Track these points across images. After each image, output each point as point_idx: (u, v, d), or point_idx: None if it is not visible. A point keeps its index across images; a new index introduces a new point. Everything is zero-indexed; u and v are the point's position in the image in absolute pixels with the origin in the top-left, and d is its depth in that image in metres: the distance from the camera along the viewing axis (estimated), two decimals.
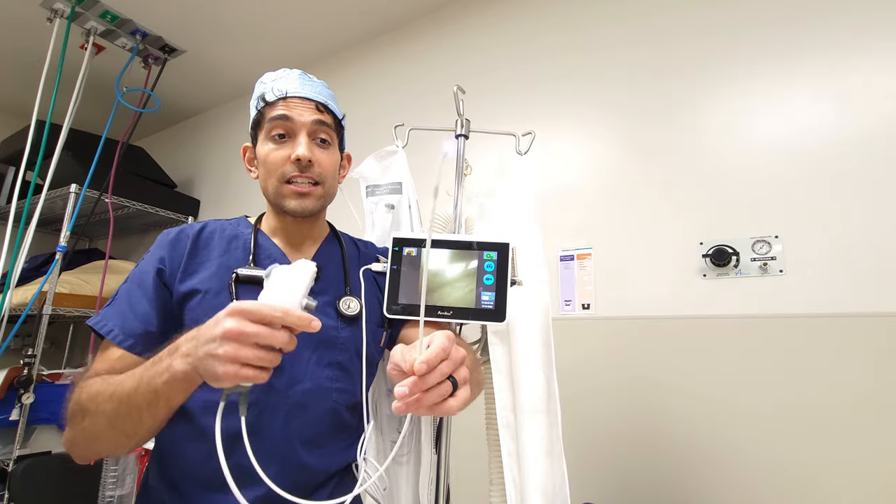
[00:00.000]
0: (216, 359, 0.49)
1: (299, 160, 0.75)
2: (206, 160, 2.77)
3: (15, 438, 1.74)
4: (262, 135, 0.78)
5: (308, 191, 0.77)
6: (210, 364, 0.50)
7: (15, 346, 2.25)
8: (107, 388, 0.59)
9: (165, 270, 0.74)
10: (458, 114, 1.03)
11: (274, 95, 0.77)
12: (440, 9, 1.98)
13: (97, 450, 0.63)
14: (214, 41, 2.23)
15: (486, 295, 0.83)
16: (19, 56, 2.31)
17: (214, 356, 0.49)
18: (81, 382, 0.64)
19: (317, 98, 0.79)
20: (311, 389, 0.74)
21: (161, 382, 0.54)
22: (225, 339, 0.49)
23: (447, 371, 0.50)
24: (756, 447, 1.11)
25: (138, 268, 0.75)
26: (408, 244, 0.87)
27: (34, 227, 1.77)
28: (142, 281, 0.73)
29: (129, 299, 0.72)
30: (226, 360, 0.49)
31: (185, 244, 0.77)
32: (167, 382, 0.54)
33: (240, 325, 0.49)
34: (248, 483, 0.58)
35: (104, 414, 0.58)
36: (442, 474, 0.87)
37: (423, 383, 0.49)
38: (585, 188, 1.48)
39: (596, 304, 1.39)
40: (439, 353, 0.50)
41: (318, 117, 0.78)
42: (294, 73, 0.81)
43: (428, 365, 0.48)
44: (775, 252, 1.17)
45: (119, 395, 0.57)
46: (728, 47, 1.33)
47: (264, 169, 0.78)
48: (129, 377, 0.58)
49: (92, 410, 0.59)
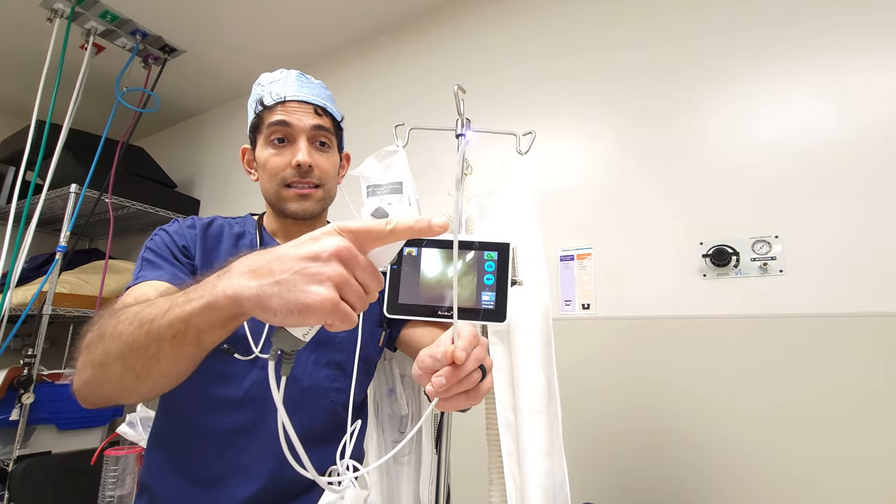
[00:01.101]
0: (315, 281, 0.37)
1: (300, 166, 0.75)
2: (206, 160, 2.77)
3: (15, 438, 1.73)
4: (261, 139, 0.78)
5: (309, 192, 0.78)
6: (301, 288, 0.37)
7: (15, 346, 2.25)
8: (132, 309, 0.50)
9: (189, 247, 0.75)
10: (459, 113, 1.03)
11: (272, 100, 0.77)
12: (440, 9, 1.98)
13: (102, 391, 0.53)
14: (214, 41, 2.22)
15: (486, 295, 0.83)
16: (19, 56, 2.31)
17: (314, 277, 0.38)
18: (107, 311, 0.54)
19: (315, 101, 0.79)
20: (309, 389, 0.74)
21: (198, 307, 0.43)
22: (337, 258, 0.38)
23: (481, 356, 0.50)
24: (756, 447, 1.11)
25: (159, 238, 0.74)
26: (408, 244, 0.87)
27: (34, 227, 1.77)
28: (169, 249, 0.73)
29: (156, 263, 0.70)
30: (331, 285, 0.38)
31: (197, 231, 0.78)
32: (206, 309, 0.42)
33: (353, 252, 0.39)
34: (243, 479, 0.58)
35: (120, 337, 0.48)
36: (442, 474, 0.87)
37: (460, 371, 0.48)
38: (585, 188, 1.48)
39: (596, 304, 1.39)
40: (472, 341, 0.50)
41: (317, 122, 0.78)
42: (292, 75, 0.81)
43: (467, 353, 0.48)
44: (775, 252, 1.17)
45: (142, 318, 0.47)
46: (728, 47, 1.33)
47: (265, 173, 0.78)
48: (160, 299, 0.48)
49: (109, 333, 0.50)
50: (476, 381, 0.51)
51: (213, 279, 0.43)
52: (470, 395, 0.51)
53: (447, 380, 0.48)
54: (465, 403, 0.53)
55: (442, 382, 0.47)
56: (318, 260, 0.38)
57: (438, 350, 0.51)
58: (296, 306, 0.37)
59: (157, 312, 0.46)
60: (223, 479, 0.66)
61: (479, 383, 0.51)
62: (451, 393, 0.50)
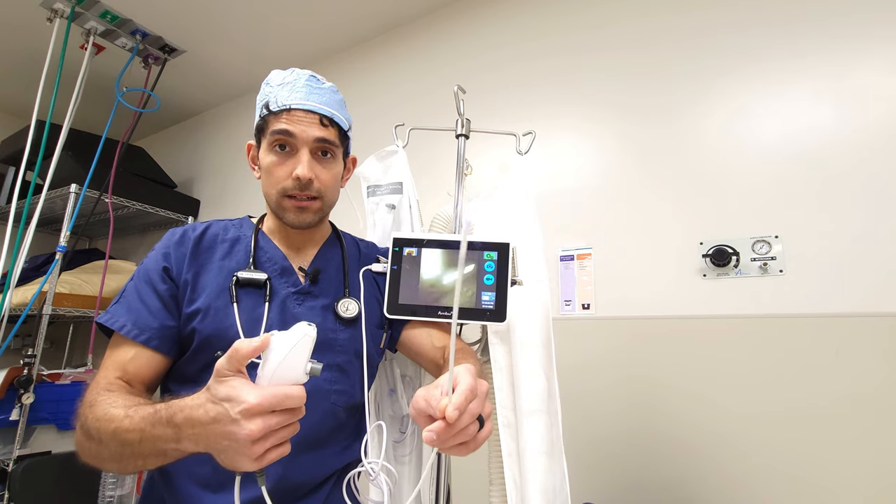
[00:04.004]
0: (246, 457, 0.49)
1: (299, 179, 0.74)
2: (206, 160, 2.77)
3: (15, 438, 1.73)
4: (264, 142, 0.77)
5: (307, 205, 0.77)
6: (240, 462, 0.50)
7: (15, 346, 2.25)
8: (108, 423, 0.57)
9: (171, 268, 0.74)
10: (459, 113, 1.03)
11: (277, 106, 0.75)
12: (440, 9, 1.98)
13: (104, 469, 0.63)
14: (214, 41, 2.23)
15: (486, 295, 0.83)
16: (19, 56, 2.31)
17: (244, 455, 0.49)
18: (89, 395, 0.63)
19: (322, 111, 0.76)
20: (310, 392, 0.74)
21: (170, 449, 0.54)
22: (254, 441, 0.48)
23: (476, 410, 0.51)
24: (756, 446, 1.11)
25: (144, 266, 0.75)
26: (408, 244, 0.87)
27: (34, 227, 1.77)
28: (149, 277, 0.73)
29: (140, 295, 0.72)
30: (258, 458, 0.49)
31: (188, 245, 0.77)
32: (176, 453, 0.54)
33: (265, 422, 0.48)
34: (245, 483, 0.58)
35: (109, 449, 0.57)
36: (442, 474, 0.87)
37: (453, 428, 0.49)
38: (585, 188, 1.48)
39: (596, 304, 1.39)
40: (468, 396, 0.50)
41: (321, 134, 0.76)
42: (302, 77, 0.78)
43: (459, 411, 0.49)
44: (775, 252, 1.17)
45: (122, 439, 0.56)
46: (728, 47, 1.33)
47: (266, 178, 0.77)
48: (131, 422, 0.56)
49: (96, 440, 0.58)
50: (472, 433, 0.52)
51: (169, 428, 0.53)
52: (467, 445, 0.52)
53: (438, 436, 0.49)
54: (462, 452, 0.53)
55: (433, 438, 0.49)
56: (237, 440, 0.48)
57: (435, 394, 0.51)
58: (240, 468, 0.51)
59: (134, 440, 0.55)
60: (229, 483, 0.66)
61: (476, 433, 0.52)
62: (446, 445, 0.51)
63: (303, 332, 0.51)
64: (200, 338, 0.70)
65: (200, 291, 0.73)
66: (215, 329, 0.71)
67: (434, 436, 0.49)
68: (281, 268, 0.79)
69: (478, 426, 0.52)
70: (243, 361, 0.50)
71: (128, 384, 0.67)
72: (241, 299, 0.73)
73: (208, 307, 0.72)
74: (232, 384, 0.49)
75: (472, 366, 0.57)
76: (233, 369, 0.50)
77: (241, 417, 0.48)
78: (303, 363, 0.51)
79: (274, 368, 0.50)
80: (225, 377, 0.50)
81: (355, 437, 0.80)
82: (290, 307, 0.77)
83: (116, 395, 0.61)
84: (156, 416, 0.55)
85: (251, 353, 0.50)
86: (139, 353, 0.69)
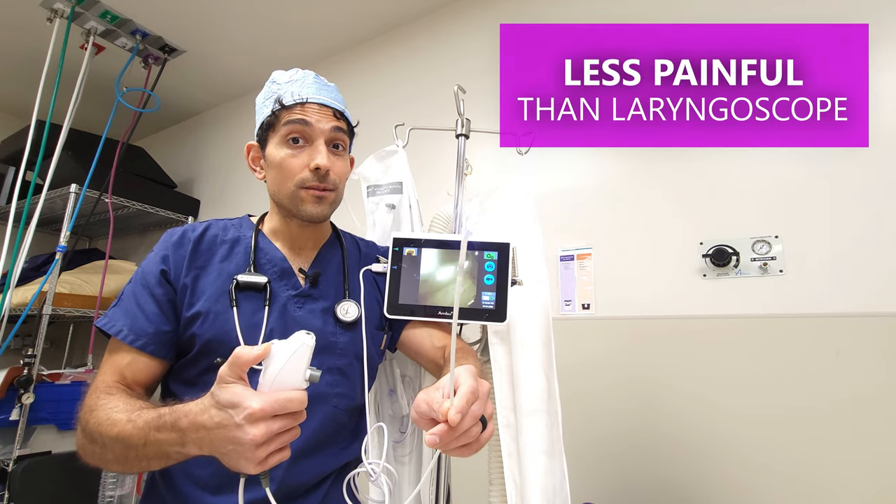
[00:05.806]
0: (250, 461, 0.50)
1: (318, 169, 0.74)
2: (206, 160, 2.77)
3: (15, 438, 1.73)
4: (275, 137, 0.77)
5: (324, 195, 0.77)
6: (243, 465, 0.51)
7: (15, 346, 2.25)
8: (111, 427, 0.58)
9: (169, 271, 0.74)
10: (459, 113, 1.03)
11: (292, 99, 0.75)
12: (440, 9, 1.98)
13: (107, 469, 0.66)
14: (214, 41, 2.22)
15: (486, 295, 0.83)
16: (19, 56, 2.31)
17: (248, 459, 0.50)
18: (89, 399, 0.64)
19: (334, 105, 0.79)
20: (312, 396, 0.74)
21: (174, 452, 0.56)
22: (257, 445, 0.50)
23: (478, 412, 0.51)
24: (756, 447, 1.11)
25: (142, 269, 0.75)
26: (408, 244, 0.87)
27: (34, 227, 1.77)
28: (147, 281, 0.73)
29: (137, 299, 0.72)
30: (261, 461, 0.51)
31: (187, 247, 0.76)
32: (179, 455, 0.56)
33: (268, 427, 0.50)
34: (246, 485, 0.58)
35: (112, 452, 0.59)
36: (442, 474, 0.87)
37: (455, 431, 0.50)
38: (585, 188, 1.48)
39: (596, 304, 1.39)
40: (469, 398, 0.50)
41: (337, 124, 0.77)
42: (309, 76, 0.79)
43: (461, 414, 0.49)
44: (775, 252, 1.17)
45: (126, 444, 0.57)
46: None
47: (278, 173, 0.76)
48: (134, 426, 0.57)
49: (100, 443, 0.59)
50: (475, 435, 0.52)
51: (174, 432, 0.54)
52: (470, 446, 0.52)
53: (441, 439, 0.50)
54: (465, 454, 0.53)
55: (435, 441, 0.50)
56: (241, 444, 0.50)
57: (436, 397, 0.51)
58: (244, 470, 0.52)
59: (138, 443, 0.57)
60: (229, 485, 0.66)
61: (479, 435, 0.52)
62: (449, 448, 0.51)
63: (301, 341, 0.52)
64: (200, 342, 0.70)
65: (200, 295, 0.73)
66: (215, 333, 0.71)
67: (437, 439, 0.49)
68: (281, 270, 0.79)
69: (480, 427, 0.52)
70: (244, 368, 0.51)
71: (127, 387, 0.68)
72: (241, 303, 0.73)
73: (208, 311, 0.71)
74: (235, 390, 0.50)
75: (473, 366, 0.57)
76: (234, 376, 0.51)
77: (245, 423, 0.49)
78: (302, 371, 0.52)
79: (274, 376, 0.52)
80: (227, 383, 0.51)
81: (355, 437, 0.80)
82: (290, 311, 0.76)
83: (117, 399, 0.62)
84: (160, 420, 0.56)
85: (252, 361, 0.51)
86: (136, 359, 0.69)
